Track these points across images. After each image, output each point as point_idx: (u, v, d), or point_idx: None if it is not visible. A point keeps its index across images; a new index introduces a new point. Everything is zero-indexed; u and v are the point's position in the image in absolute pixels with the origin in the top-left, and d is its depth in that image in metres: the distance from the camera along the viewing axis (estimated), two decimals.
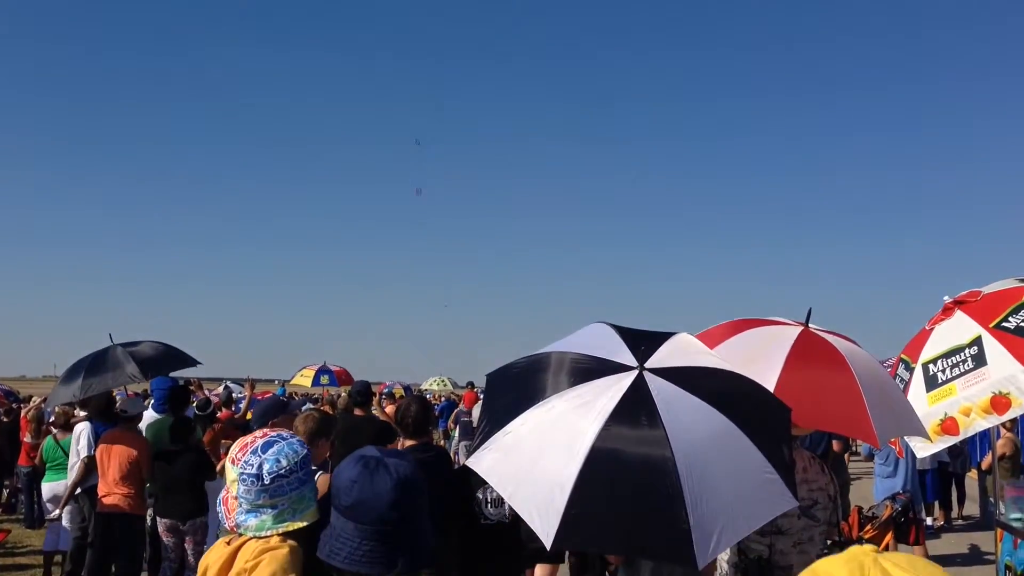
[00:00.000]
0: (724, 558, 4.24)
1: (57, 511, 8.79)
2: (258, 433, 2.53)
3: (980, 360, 5.43)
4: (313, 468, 4.75)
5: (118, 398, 9.00)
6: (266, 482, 2.37)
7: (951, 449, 12.68)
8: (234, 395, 18.47)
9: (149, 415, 9.45)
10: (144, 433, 8.55)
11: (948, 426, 5.43)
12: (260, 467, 2.38)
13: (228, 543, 2.43)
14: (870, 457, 9.96)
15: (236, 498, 2.44)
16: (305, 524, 2.41)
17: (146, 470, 7.82)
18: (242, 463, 2.40)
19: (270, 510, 2.39)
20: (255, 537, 2.38)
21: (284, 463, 2.40)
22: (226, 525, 2.46)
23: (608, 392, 3.13)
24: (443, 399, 28.74)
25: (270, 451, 2.42)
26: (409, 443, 5.34)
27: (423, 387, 35.51)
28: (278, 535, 2.38)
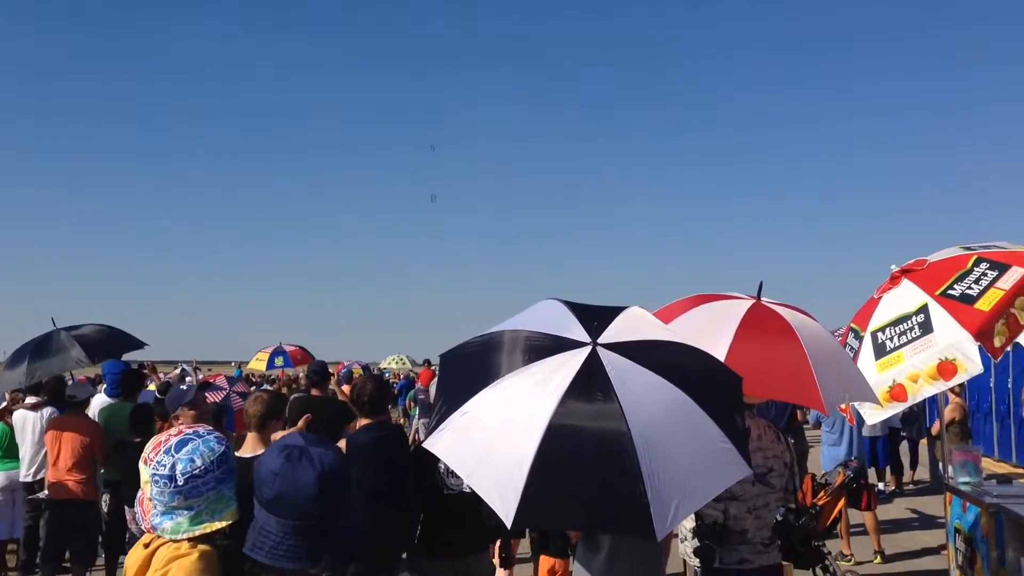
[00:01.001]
0: (686, 525, 4.31)
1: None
2: (173, 431, 2.40)
3: (927, 327, 5.54)
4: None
5: (68, 382, 8.85)
6: (179, 483, 2.25)
7: (907, 415, 12.97)
8: (188, 379, 18.25)
9: (101, 399, 9.30)
10: (96, 418, 8.42)
11: (896, 393, 5.54)
12: (173, 467, 2.26)
13: (147, 545, 2.32)
14: (818, 425, 10.14)
15: (151, 499, 2.32)
16: (224, 525, 2.30)
17: (99, 455, 7.71)
18: (154, 463, 2.28)
19: (186, 512, 2.28)
20: (171, 540, 2.27)
21: (199, 462, 2.28)
22: (143, 527, 2.34)
23: (562, 369, 3.14)
24: (402, 377, 28.64)
25: (184, 450, 2.29)
26: (365, 422, 5.33)
27: (382, 366, 35.38)
28: (188, 541, 2.26)
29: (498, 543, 5.72)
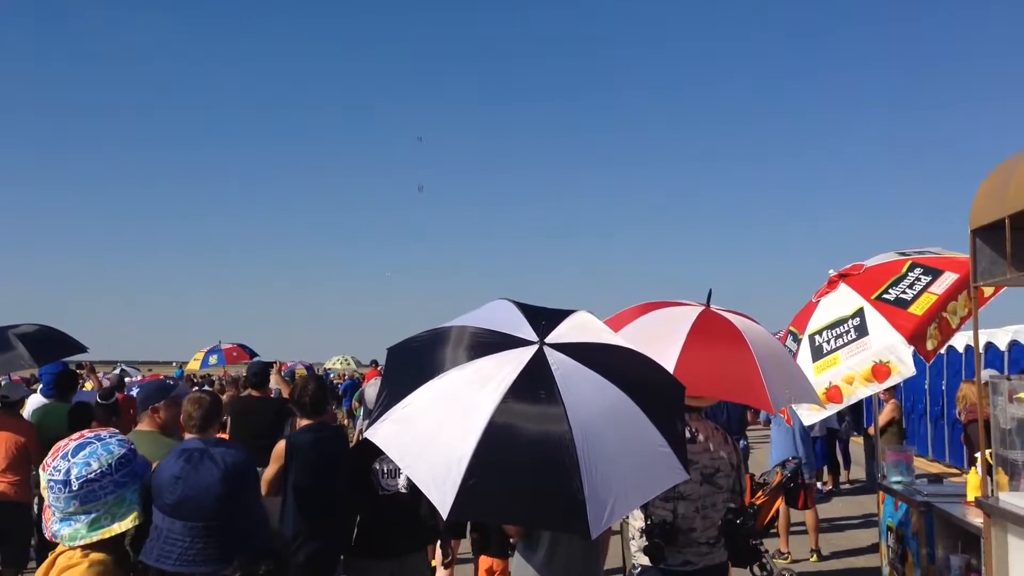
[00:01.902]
0: (635, 524, 4.36)
1: None
2: (74, 436, 2.35)
3: (862, 330, 5.68)
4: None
5: (1, 382, 8.63)
6: (75, 488, 2.19)
7: (839, 415, 13.25)
8: (127, 379, 17.92)
9: (36, 400, 9.08)
10: (31, 418, 8.22)
11: (832, 394, 5.67)
12: (68, 472, 2.19)
13: (57, 554, 2.27)
14: (768, 423, 10.33)
15: (49, 506, 2.25)
16: (126, 529, 2.24)
17: (35, 456, 7.53)
18: (51, 469, 2.22)
19: (83, 517, 2.21)
20: (69, 547, 2.21)
21: (95, 466, 2.21)
22: (46, 535, 2.27)
23: (508, 365, 3.15)
24: (347, 378, 28.47)
25: (81, 454, 2.23)
26: (306, 422, 5.30)
27: (327, 366, 35.12)
28: (84, 548, 2.21)
29: (438, 543, 5.74)
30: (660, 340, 4.12)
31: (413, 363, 3.41)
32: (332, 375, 32.18)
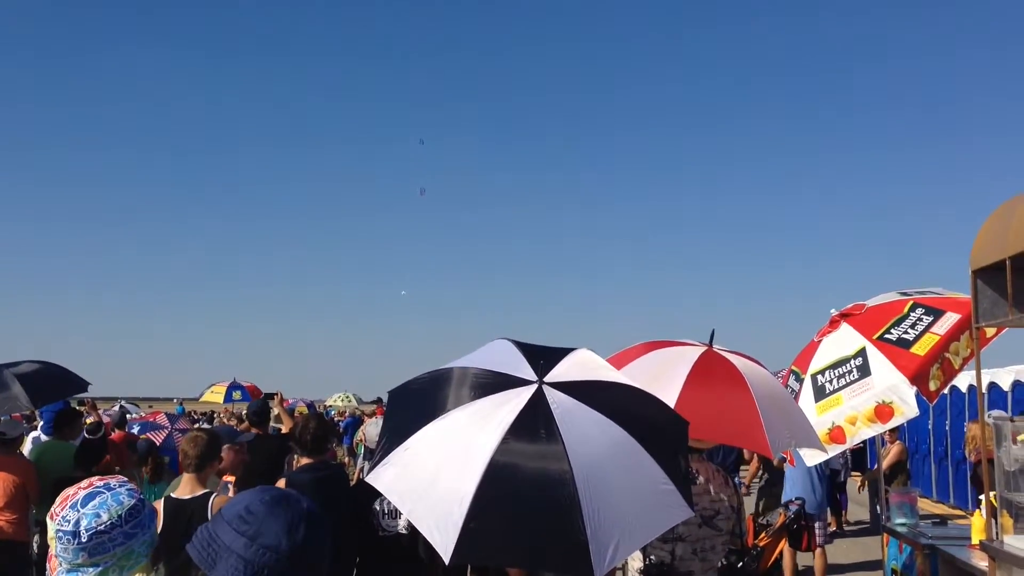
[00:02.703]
0: (633, 565, 4.33)
1: None
2: (83, 483, 2.33)
3: (865, 371, 5.66)
4: (207, 491, 4.68)
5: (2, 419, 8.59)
6: (84, 540, 2.17)
7: (841, 455, 13.17)
8: (129, 416, 17.87)
9: (36, 437, 9.05)
10: (30, 456, 8.18)
11: (836, 435, 5.64)
12: (77, 523, 2.18)
13: None
14: (781, 462, 10.26)
15: (56, 556, 2.25)
16: None
17: (33, 495, 7.49)
18: (59, 519, 2.21)
19: (91, 569, 2.21)
20: None
21: (105, 517, 2.21)
22: None
23: (507, 405, 3.15)
24: (348, 415, 28.33)
25: (90, 504, 2.21)
26: (306, 461, 5.28)
27: (328, 403, 34.96)
28: None
29: None
30: (660, 380, 4.12)
31: (413, 405, 3.41)
32: (333, 412, 32.04)
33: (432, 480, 3.03)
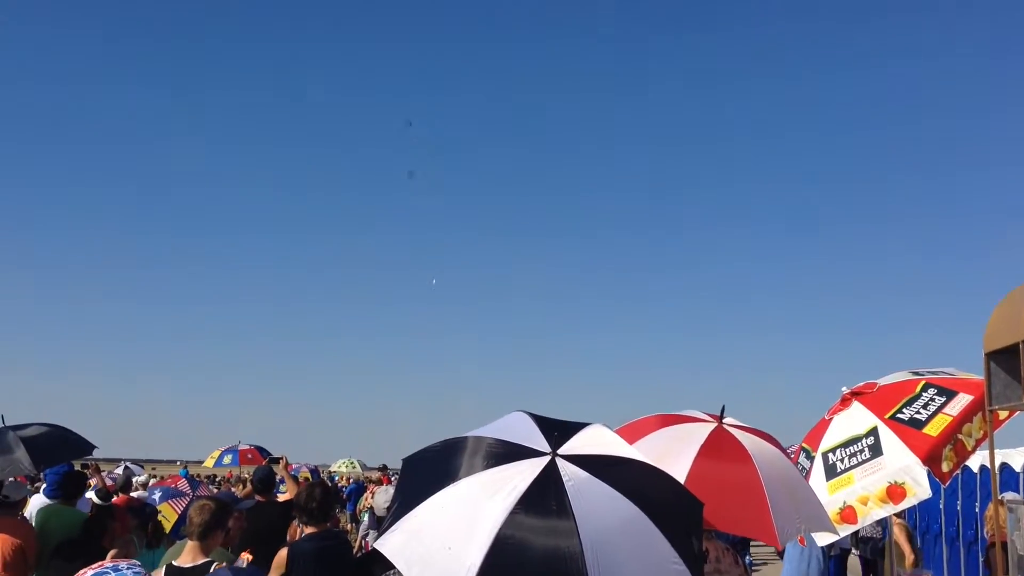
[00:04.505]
0: None
1: None
2: (95, 565, 2.31)
3: (876, 450, 5.62)
4: (209, 560, 4.63)
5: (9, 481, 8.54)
6: None
7: (862, 535, 12.97)
8: (136, 478, 17.72)
9: (39, 500, 8.97)
10: (33, 520, 8.10)
11: (847, 515, 5.57)
12: None
13: None
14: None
15: None
16: None
17: (31, 559, 7.41)
18: None
19: None
20: None
21: None
22: None
23: (519, 476, 3.15)
24: (352, 481, 28.07)
25: None
26: (310, 530, 5.23)
27: (332, 469, 34.71)
28: None
29: None
30: (668, 459, 4.10)
31: (426, 472, 3.42)
32: (337, 478, 31.79)
33: (440, 548, 3.02)
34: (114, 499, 10.72)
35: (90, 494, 9.79)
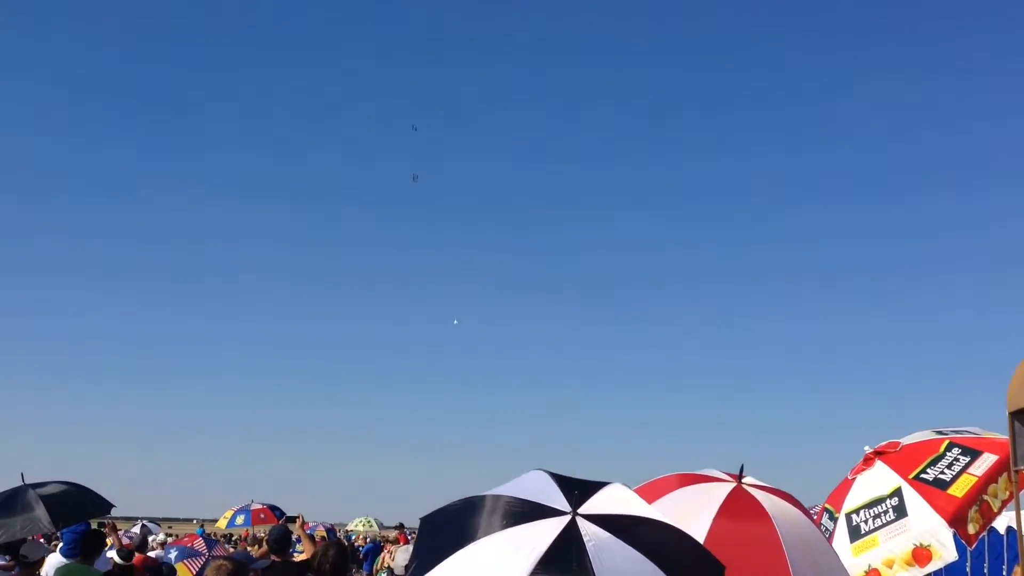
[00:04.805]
0: None
1: None
2: None
3: (901, 511, 5.55)
4: None
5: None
6: None
7: None
8: (153, 537, 17.64)
9: (56, 560, 8.92)
10: None
11: None
12: None
13: None
14: None
15: None
16: None
17: None
18: None
19: None
20: None
21: None
22: None
23: (539, 536, 3.14)
24: (369, 540, 27.81)
25: None
26: None
27: (348, 528, 34.45)
28: None
29: None
30: (686, 519, 4.07)
31: (444, 532, 3.41)
32: (353, 537, 31.53)
33: None
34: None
35: (111, 553, 9.77)
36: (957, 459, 5.75)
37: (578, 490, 3.47)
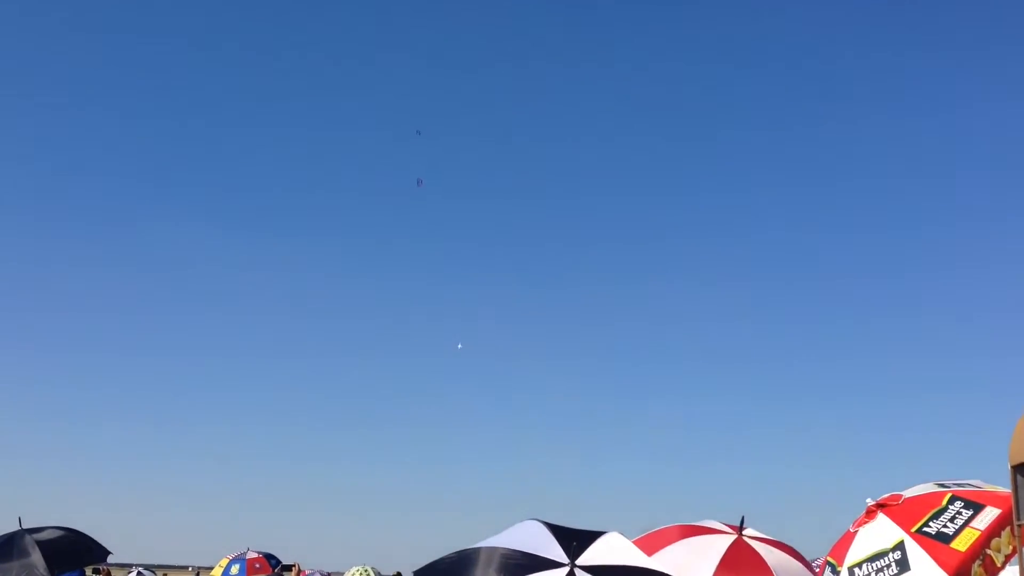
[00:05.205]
0: None
1: None
2: None
3: (904, 565, 5.51)
4: None
5: None
6: None
7: None
8: None
9: None
10: None
11: None
12: None
13: None
14: None
15: None
16: None
17: None
18: None
19: None
20: None
21: None
22: None
23: None
24: None
25: None
26: None
27: None
28: None
29: None
30: (687, 571, 4.05)
31: None
32: None
33: None
34: None
35: None
36: (960, 512, 5.71)
37: (575, 540, 3.43)
